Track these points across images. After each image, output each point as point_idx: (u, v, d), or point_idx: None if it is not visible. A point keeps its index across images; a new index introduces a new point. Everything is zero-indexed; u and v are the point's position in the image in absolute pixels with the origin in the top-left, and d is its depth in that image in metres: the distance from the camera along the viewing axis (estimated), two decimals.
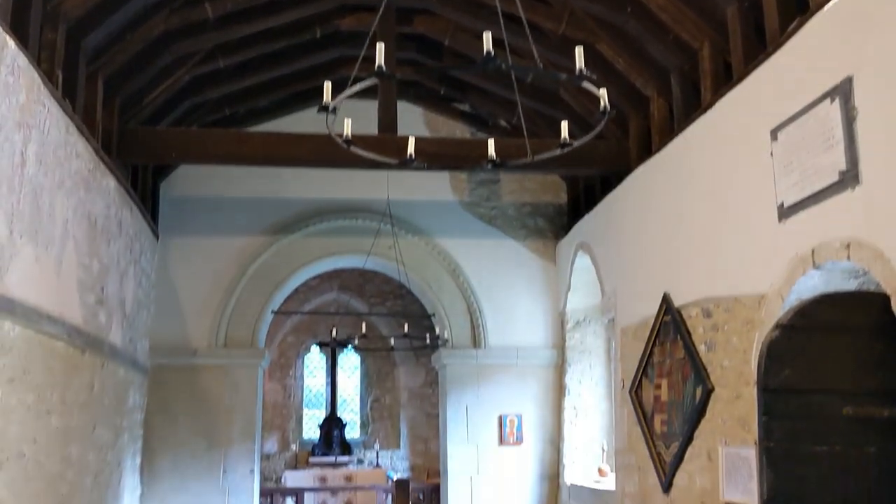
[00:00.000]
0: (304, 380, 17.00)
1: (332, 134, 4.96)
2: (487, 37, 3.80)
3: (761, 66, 5.74)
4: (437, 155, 8.04)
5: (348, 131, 5.14)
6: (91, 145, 6.89)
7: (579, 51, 4.03)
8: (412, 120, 10.26)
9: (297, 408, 16.73)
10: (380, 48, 3.95)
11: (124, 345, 8.35)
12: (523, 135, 6.57)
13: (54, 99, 5.90)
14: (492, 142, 5.58)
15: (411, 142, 5.56)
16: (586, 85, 4.16)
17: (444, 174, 10.74)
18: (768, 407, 5.33)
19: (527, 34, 5.39)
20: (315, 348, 17.11)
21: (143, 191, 9.39)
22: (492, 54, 3.84)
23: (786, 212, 5.30)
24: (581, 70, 4.00)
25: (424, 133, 10.48)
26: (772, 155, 5.46)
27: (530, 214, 11.00)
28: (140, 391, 9.31)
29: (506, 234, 10.88)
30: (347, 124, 5.19)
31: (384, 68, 3.92)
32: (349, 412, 16.99)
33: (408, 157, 5.52)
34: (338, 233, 10.58)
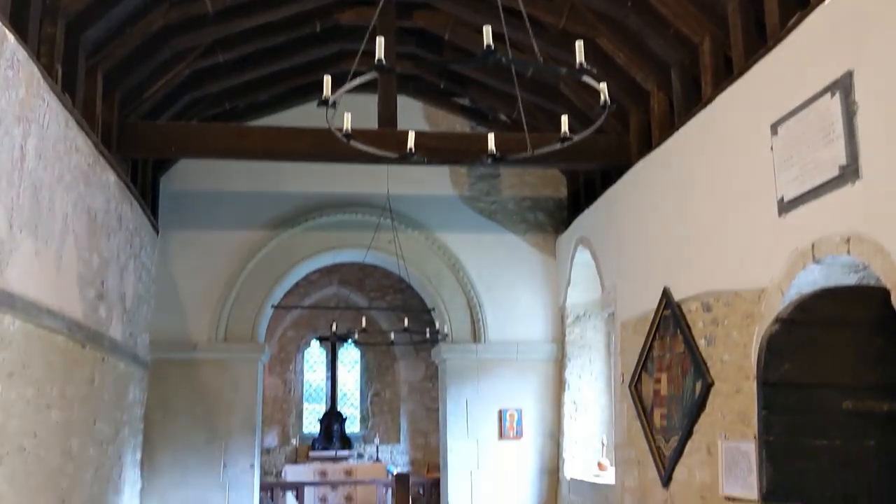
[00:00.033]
0: (304, 374, 17.02)
1: (331, 128, 4.95)
2: (487, 31, 3.80)
3: (762, 60, 5.73)
4: (436, 149, 8.04)
5: (348, 125, 5.14)
6: (91, 140, 6.89)
7: (579, 45, 4.03)
8: (412, 114, 10.25)
9: (297, 402, 16.75)
10: (379, 42, 3.94)
11: (124, 339, 8.35)
12: (523, 129, 6.58)
13: (54, 93, 5.90)
14: (492, 136, 5.58)
15: (411, 136, 5.56)
16: (586, 79, 4.16)
17: (444, 168, 10.73)
18: (768, 401, 5.33)
19: (527, 28, 5.38)
20: (315, 343, 17.13)
21: (143, 185, 9.39)
22: (492, 48, 3.83)
23: (786, 206, 5.30)
24: (581, 64, 4.00)
25: (424, 127, 10.47)
26: (772, 149, 5.46)
27: (530, 209, 10.99)
28: (140, 385, 9.33)
29: (506, 228, 10.88)
30: (347, 118, 5.19)
31: (384, 62, 3.91)
32: (349, 406, 17.02)
33: (408, 152, 5.52)
34: (338, 227, 10.58)
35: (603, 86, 4.31)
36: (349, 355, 17.32)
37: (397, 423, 16.68)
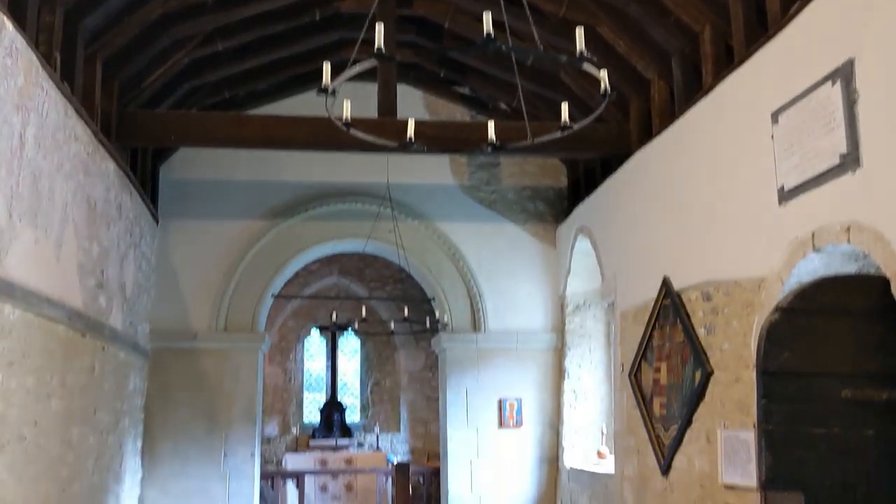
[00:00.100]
0: (304, 363, 17.03)
1: (331, 117, 4.94)
2: (487, 18, 3.78)
3: (762, 48, 5.71)
4: (436, 138, 8.03)
5: (348, 114, 5.13)
6: (90, 128, 6.88)
7: (580, 32, 4.01)
8: (412, 103, 10.22)
9: (298, 391, 16.77)
10: (379, 29, 3.92)
11: (125, 328, 8.36)
12: (523, 118, 6.56)
13: (53, 81, 5.88)
14: (492, 124, 5.56)
15: (411, 124, 5.54)
16: (587, 67, 4.14)
17: (444, 158, 10.71)
18: (767, 390, 5.35)
19: (527, 16, 5.36)
20: (315, 332, 17.14)
21: (143, 174, 9.37)
22: (492, 36, 3.82)
23: (786, 195, 5.29)
24: (581, 52, 3.98)
25: (424, 116, 10.45)
26: (772, 138, 5.45)
27: (530, 198, 10.98)
28: (140, 375, 9.34)
29: (506, 217, 10.87)
30: (347, 107, 5.17)
31: (383, 50, 3.90)
32: (349, 396, 17.04)
33: (407, 140, 5.50)
34: (338, 217, 10.56)
35: (603, 73, 4.29)
36: (349, 345, 17.34)
37: (397, 413, 16.71)
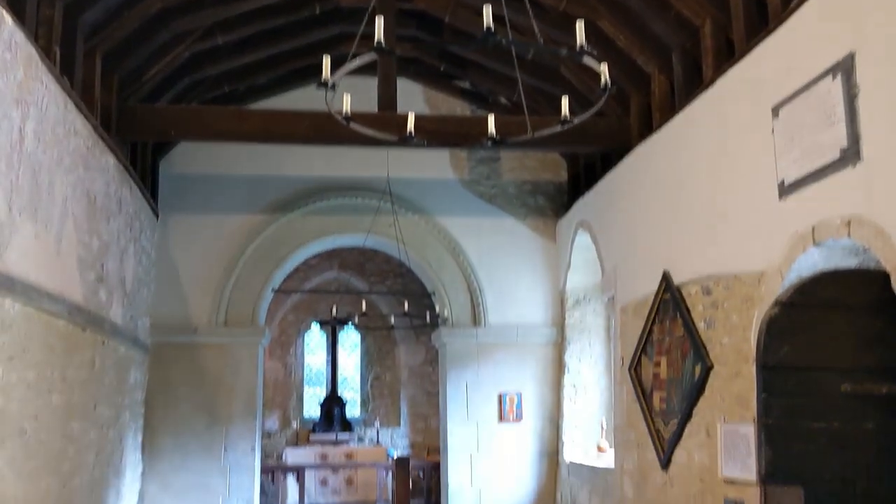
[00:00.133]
0: (304, 358, 17.04)
1: (331, 111, 4.93)
2: (487, 11, 3.78)
3: (763, 42, 5.70)
4: (436, 132, 8.02)
5: (348, 108, 5.12)
6: (90, 122, 6.87)
7: (580, 25, 4.00)
8: (412, 97, 10.21)
9: (298, 386, 16.78)
10: (379, 22, 3.92)
11: (125, 322, 8.36)
12: (524, 112, 6.54)
13: (52, 76, 5.87)
14: (492, 118, 5.56)
15: (411, 118, 5.53)
16: (587, 60, 4.13)
17: (445, 152, 10.71)
18: (767, 384, 5.35)
19: (528, 10, 5.35)
20: (315, 326, 17.15)
21: (143, 168, 9.37)
22: (492, 30, 3.81)
23: (786, 189, 5.29)
24: (582, 46, 3.98)
25: (424, 110, 10.44)
26: (773, 132, 5.44)
27: (530, 193, 10.97)
28: (141, 369, 9.34)
29: (506, 212, 10.87)
30: (346, 100, 5.17)
31: (383, 44, 3.89)
32: (350, 390, 17.05)
33: (407, 135, 5.49)
34: (338, 211, 10.56)
35: (603, 67, 4.29)
36: (349, 339, 17.34)
37: (397, 407, 16.72)
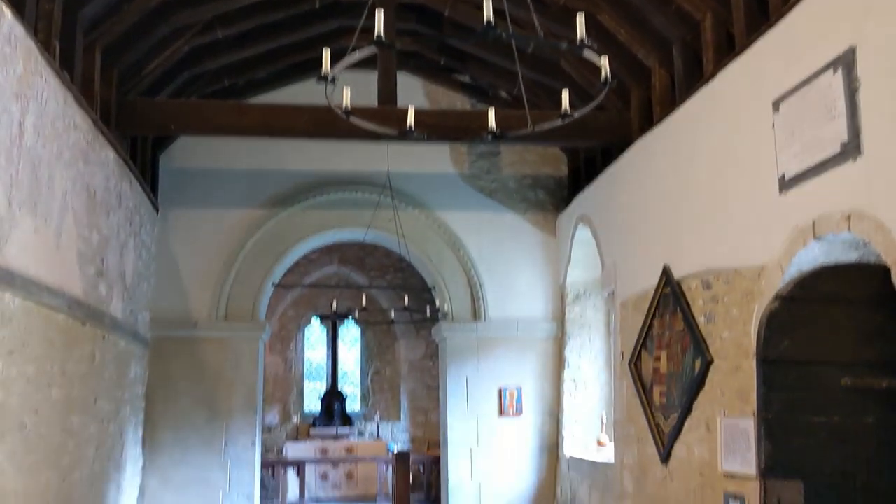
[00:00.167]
0: (304, 352, 17.06)
1: (331, 105, 4.93)
2: (488, 5, 3.76)
3: (763, 36, 5.69)
4: (436, 126, 8.00)
5: (347, 101, 5.11)
6: (89, 117, 6.86)
7: (580, 18, 3.99)
8: (412, 91, 10.19)
9: (298, 380, 16.79)
10: (379, 16, 3.91)
11: (125, 317, 8.36)
12: (524, 106, 6.53)
13: (52, 70, 5.86)
14: (492, 112, 5.55)
15: (411, 112, 5.53)
16: (587, 54, 4.12)
17: (445, 147, 10.69)
18: (767, 378, 5.35)
19: (528, 4, 5.33)
20: (316, 321, 17.16)
21: (143, 163, 9.36)
22: (492, 23, 3.80)
23: (787, 183, 5.28)
24: (582, 39, 3.96)
25: (424, 105, 10.42)
26: (773, 126, 5.43)
27: (531, 187, 10.96)
28: (141, 363, 9.35)
29: (506, 206, 10.86)
30: (346, 94, 5.16)
31: (383, 37, 3.88)
32: (350, 385, 17.07)
33: (407, 129, 5.49)
34: (338, 205, 10.56)
35: (604, 60, 4.27)
36: (350, 334, 17.35)
37: (398, 401, 16.74)
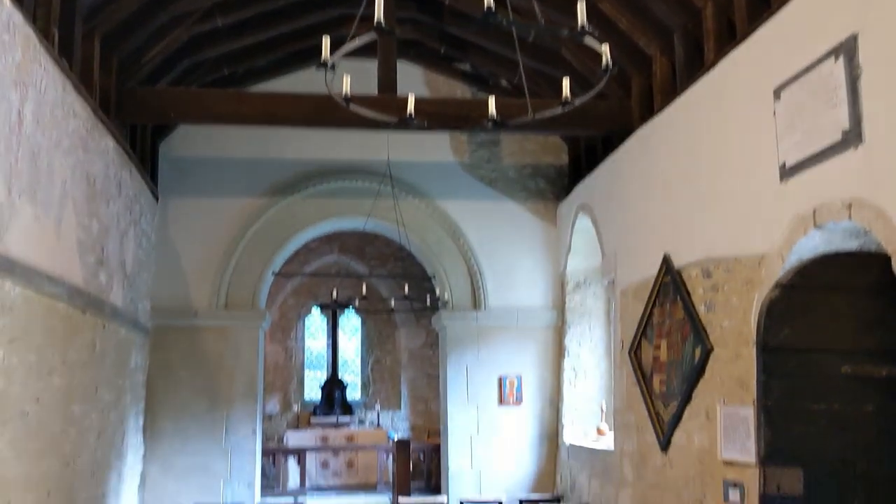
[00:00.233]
0: (305, 341, 17.09)
1: (331, 93, 4.91)
2: None
3: (765, 24, 5.67)
4: (437, 115, 7.97)
5: (347, 89, 5.10)
6: (89, 105, 6.84)
7: (581, 6, 3.97)
8: (412, 80, 10.16)
9: (299, 369, 16.83)
10: (378, 3, 3.89)
11: (125, 305, 8.36)
12: (524, 94, 6.51)
13: (51, 57, 5.84)
14: (492, 100, 5.53)
15: (411, 100, 5.51)
16: (588, 41, 4.10)
17: (445, 136, 10.67)
18: (767, 366, 5.36)
19: None
20: (316, 310, 17.17)
21: (143, 151, 9.34)
22: (492, 10, 3.78)
23: (788, 172, 5.27)
24: (583, 26, 3.94)
25: (424, 93, 10.40)
26: (774, 114, 5.42)
27: (531, 176, 10.95)
28: (141, 352, 9.36)
29: (506, 195, 10.85)
30: (346, 81, 5.14)
31: (383, 23, 3.86)
32: (350, 373, 17.10)
33: (407, 117, 5.47)
34: (338, 194, 10.55)
35: (605, 47, 4.25)
36: (350, 323, 17.37)
37: (398, 390, 16.77)
